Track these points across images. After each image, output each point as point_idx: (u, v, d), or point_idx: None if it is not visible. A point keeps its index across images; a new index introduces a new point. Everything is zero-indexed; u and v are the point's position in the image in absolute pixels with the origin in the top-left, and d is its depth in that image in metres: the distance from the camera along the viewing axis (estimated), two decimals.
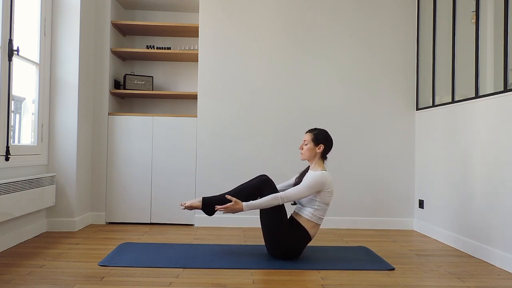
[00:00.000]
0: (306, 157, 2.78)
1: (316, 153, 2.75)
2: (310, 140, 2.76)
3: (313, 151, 2.75)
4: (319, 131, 2.80)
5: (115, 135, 3.87)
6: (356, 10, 3.94)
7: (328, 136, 2.80)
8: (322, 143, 2.75)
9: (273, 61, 3.92)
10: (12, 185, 2.82)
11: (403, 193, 3.90)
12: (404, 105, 3.94)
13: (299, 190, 2.62)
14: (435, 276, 2.45)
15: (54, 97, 3.49)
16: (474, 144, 2.99)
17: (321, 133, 2.78)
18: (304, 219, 2.68)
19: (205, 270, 2.46)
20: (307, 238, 2.70)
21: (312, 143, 2.75)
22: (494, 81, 2.86)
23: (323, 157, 2.79)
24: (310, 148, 2.75)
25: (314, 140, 2.75)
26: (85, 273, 2.36)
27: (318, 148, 2.75)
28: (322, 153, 2.76)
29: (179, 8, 4.25)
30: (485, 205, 2.84)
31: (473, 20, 3.06)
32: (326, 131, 2.82)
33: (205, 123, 3.88)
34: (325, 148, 2.76)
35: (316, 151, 2.75)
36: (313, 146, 2.75)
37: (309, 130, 2.83)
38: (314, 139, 2.75)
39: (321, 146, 2.75)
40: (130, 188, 3.85)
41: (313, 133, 2.78)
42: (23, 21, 3.17)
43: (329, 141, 2.79)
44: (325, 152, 2.79)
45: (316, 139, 2.75)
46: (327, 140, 2.78)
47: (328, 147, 2.79)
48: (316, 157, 2.77)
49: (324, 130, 2.83)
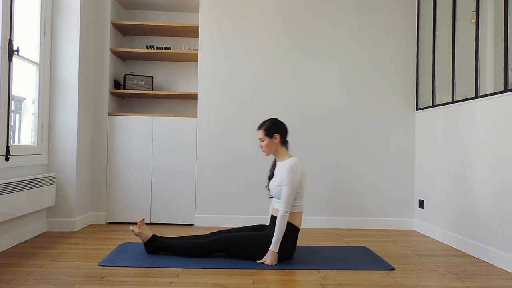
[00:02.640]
0: (269, 152, 2.76)
1: (275, 144, 2.74)
2: (263, 136, 2.74)
3: (272, 144, 2.74)
4: (267, 123, 2.77)
5: (115, 135, 3.87)
6: (356, 10, 3.94)
7: (277, 123, 2.78)
8: (275, 133, 2.73)
9: (273, 61, 3.92)
10: (12, 185, 2.82)
11: (403, 193, 3.90)
12: (404, 105, 3.94)
13: (288, 192, 2.59)
14: (435, 276, 2.45)
15: (54, 97, 3.49)
16: (474, 144, 2.99)
17: (270, 125, 2.75)
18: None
19: (205, 270, 2.46)
20: (294, 230, 2.67)
21: (267, 138, 2.73)
22: (494, 81, 2.86)
23: (284, 145, 2.78)
24: (267, 144, 2.73)
25: (267, 134, 2.73)
26: (85, 273, 2.36)
27: (274, 139, 2.73)
28: (280, 141, 2.75)
29: (179, 8, 4.25)
30: (485, 205, 2.84)
31: (473, 20, 3.06)
32: (273, 119, 2.80)
33: (205, 123, 3.88)
34: (281, 136, 2.75)
35: (274, 142, 2.73)
36: (269, 139, 2.73)
37: (258, 126, 2.80)
38: (267, 133, 2.73)
39: (276, 136, 2.73)
40: (130, 188, 3.85)
41: (263, 128, 2.75)
42: (23, 21, 3.17)
43: (281, 128, 2.77)
44: (283, 139, 2.77)
45: (268, 132, 2.73)
46: (278, 128, 2.75)
47: (283, 133, 2.77)
48: (278, 147, 2.75)
49: (272, 120, 2.80)
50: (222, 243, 2.67)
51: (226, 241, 2.67)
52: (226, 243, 2.67)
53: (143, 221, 2.77)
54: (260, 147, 2.77)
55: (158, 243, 2.74)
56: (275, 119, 2.81)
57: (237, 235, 2.69)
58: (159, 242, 2.74)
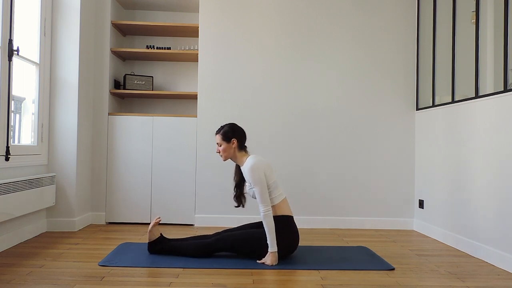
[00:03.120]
0: (226, 157, 2.77)
1: (233, 148, 2.75)
2: (221, 141, 2.75)
3: (230, 149, 2.74)
4: (225, 128, 2.78)
5: (115, 135, 3.87)
6: (356, 10, 3.94)
7: (235, 128, 2.78)
8: (233, 138, 2.74)
9: (273, 61, 3.92)
10: (12, 185, 2.82)
11: (403, 193, 3.90)
12: (404, 105, 3.94)
13: (259, 191, 2.61)
14: (435, 276, 2.45)
15: (54, 97, 3.49)
16: (474, 144, 2.99)
17: (227, 129, 2.76)
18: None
19: (205, 270, 2.46)
20: (287, 218, 2.69)
21: (224, 143, 2.74)
22: (494, 81, 2.86)
23: (242, 149, 2.79)
24: (225, 148, 2.74)
25: (225, 139, 2.74)
26: (85, 273, 2.36)
27: (232, 144, 2.74)
28: (238, 146, 2.75)
29: (179, 8, 4.25)
30: (485, 205, 2.84)
31: (473, 20, 3.06)
32: (231, 124, 2.81)
33: (205, 123, 3.88)
34: (238, 141, 2.75)
35: (232, 147, 2.74)
36: (227, 144, 2.74)
37: (217, 131, 2.80)
38: (224, 138, 2.74)
39: (234, 141, 2.74)
40: (130, 188, 3.85)
41: (220, 133, 2.76)
42: (23, 21, 3.17)
43: (238, 133, 2.77)
44: (241, 144, 2.78)
45: (226, 137, 2.74)
46: (236, 133, 2.76)
47: (241, 138, 2.78)
48: (236, 152, 2.76)
49: (229, 124, 2.81)
50: (226, 242, 2.68)
51: (230, 240, 2.68)
52: (230, 242, 2.67)
53: (159, 220, 2.78)
54: (218, 152, 2.78)
55: (163, 245, 2.75)
56: (233, 124, 2.82)
57: (241, 233, 2.70)
58: (165, 245, 2.75)
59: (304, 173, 3.86)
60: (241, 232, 2.71)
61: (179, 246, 2.74)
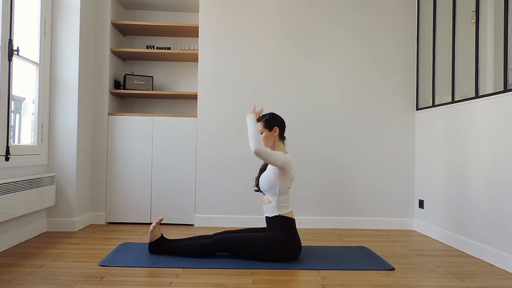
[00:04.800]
0: (267, 145, 2.78)
1: (274, 136, 2.79)
2: (263, 128, 2.79)
3: (271, 137, 2.78)
4: (268, 116, 2.83)
5: (115, 135, 3.87)
6: (356, 10, 3.94)
7: (277, 117, 2.84)
8: (275, 126, 2.79)
9: (273, 61, 3.92)
10: (12, 185, 2.82)
11: (403, 193, 3.90)
12: (404, 105, 3.94)
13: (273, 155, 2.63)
14: (435, 276, 2.45)
15: (54, 97, 3.49)
16: (474, 144, 2.99)
17: (270, 118, 2.82)
18: (273, 210, 2.69)
19: (205, 270, 2.46)
20: (294, 222, 2.71)
21: (266, 130, 2.78)
22: (494, 81, 2.86)
23: (281, 139, 2.84)
24: (267, 136, 2.77)
25: (267, 127, 2.78)
26: (85, 273, 2.36)
27: (273, 132, 2.79)
28: (279, 135, 2.81)
29: (179, 8, 4.25)
30: (485, 204, 2.84)
31: (473, 20, 3.06)
32: (273, 114, 2.87)
33: (205, 123, 3.88)
34: (280, 130, 2.81)
35: (273, 135, 2.79)
36: (268, 132, 2.78)
37: (258, 119, 2.84)
38: (267, 125, 2.79)
39: (276, 129, 2.79)
40: (130, 188, 3.85)
41: (263, 121, 2.81)
42: (23, 21, 3.17)
43: (280, 122, 2.83)
44: (281, 133, 2.83)
45: (268, 125, 2.78)
46: (278, 121, 2.82)
47: (282, 127, 2.84)
48: (276, 141, 2.80)
49: (272, 113, 2.86)
50: (226, 243, 2.68)
51: (230, 241, 2.68)
52: (230, 243, 2.67)
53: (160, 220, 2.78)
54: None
55: (164, 246, 2.75)
56: (275, 114, 2.87)
57: (241, 236, 2.70)
58: (165, 245, 2.75)
59: (303, 173, 3.86)
60: (242, 235, 2.71)
61: (179, 247, 2.74)
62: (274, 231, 2.66)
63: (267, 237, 2.66)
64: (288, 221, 2.68)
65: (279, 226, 2.66)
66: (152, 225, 2.75)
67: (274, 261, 2.63)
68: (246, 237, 2.68)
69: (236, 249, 2.67)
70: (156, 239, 2.76)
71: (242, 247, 2.66)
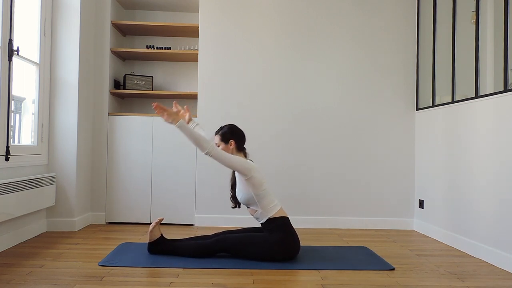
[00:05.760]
0: None
1: (230, 150, 2.76)
2: (219, 141, 2.77)
3: (228, 150, 2.75)
4: (224, 129, 2.80)
5: (115, 135, 3.87)
6: (356, 10, 3.94)
7: (234, 129, 2.80)
8: (231, 139, 2.76)
9: (273, 61, 3.92)
10: (12, 185, 2.82)
11: (403, 193, 3.90)
12: (404, 105, 3.94)
13: (228, 156, 2.60)
14: (435, 276, 2.45)
15: (54, 97, 3.49)
16: (474, 144, 2.99)
17: (226, 130, 2.79)
18: (262, 215, 2.70)
19: (205, 270, 2.46)
20: (287, 220, 2.71)
21: (223, 144, 2.76)
22: (494, 81, 2.86)
23: (240, 151, 2.80)
24: (223, 149, 2.75)
25: (223, 140, 2.77)
26: (85, 273, 2.36)
27: (230, 145, 2.76)
28: (236, 148, 2.77)
29: (179, 8, 4.25)
30: (485, 204, 2.84)
31: (473, 20, 3.06)
32: (230, 125, 2.83)
33: (205, 123, 3.87)
34: (236, 142, 2.77)
35: (230, 148, 2.76)
36: (225, 145, 2.76)
37: (216, 131, 2.82)
38: (223, 139, 2.77)
39: (231, 142, 2.76)
40: (130, 188, 3.85)
41: (219, 134, 2.79)
42: (23, 21, 3.17)
43: (237, 134, 2.79)
44: (239, 145, 2.79)
45: (224, 138, 2.76)
46: (234, 134, 2.78)
47: (239, 139, 2.79)
48: (233, 153, 2.77)
49: (229, 125, 2.83)
50: (225, 243, 2.68)
51: (229, 242, 2.68)
52: (229, 244, 2.68)
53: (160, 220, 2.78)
54: None
55: (163, 246, 2.75)
56: (232, 125, 2.83)
57: (240, 236, 2.70)
58: (165, 246, 2.75)
59: (304, 173, 3.86)
60: (241, 235, 2.72)
61: (179, 247, 2.74)
62: (272, 232, 2.67)
63: (266, 237, 2.66)
64: (282, 220, 2.69)
65: (274, 227, 2.67)
66: (151, 225, 2.75)
67: (274, 260, 2.63)
68: (246, 237, 2.69)
69: (236, 249, 2.67)
70: (156, 239, 2.75)
71: (242, 247, 2.66)
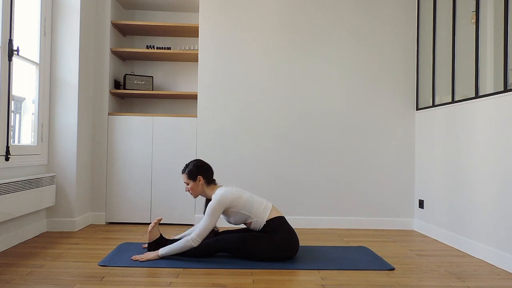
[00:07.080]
0: (196, 195, 2.78)
1: (200, 185, 2.76)
2: (187, 179, 2.76)
3: (197, 187, 2.75)
4: (189, 166, 2.78)
5: (115, 135, 3.87)
6: (357, 10, 3.94)
7: (199, 165, 2.79)
8: (198, 175, 2.75)
9: (273, 61, 3.92)
10: (12, 185, 2.82)
11: (403, 193, 3.90)
12: (404, 105, 3.94)
13: (205, 221, 2.61)
14: (435, 276, 2.45)
15: (54, 97, 3.49)
16: (474, 144, 2.99)
17: (192, 168, 2.76)
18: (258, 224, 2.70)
19: (205, 270, 2.46)
20: (283, 219, 2.72)
21: (191, 181, 2.75)
22: (494, 81, 2.86)
23: (210, 183, 2.79)
24: (192, 187, 2.75)
25: (191, 178, 2.75)
26: (85, 273, 2.36)
27: (198, 181, 2.75)
28: (205, 182, 2.77)
29: (179, 8, 4.25)
30: (485, 204, 2.84)
31: (473, 20, 3.06)
32: (195, 162, 2.81)
33: (205, 123, 3.88)
34: (204, 177, 2.76)
35: (199, 184, 2.75)
36: (193, 183, 2.75)
37: (182, 170, 2.81)
38: (190, 176, 2.75)
39: (199, 178, 2.74)
40: (130, 188, 3.85)
41: (185, 173, 2.77)
42: (23, 21, 3.17)
43: (203, 169, 2.78)
44: (208, 179, 2.78)
45: (191, 176, 2.75)
46: (200, 170, 2.76)
47: (207, 174, 2.78)
48: (204, 188, 2.77)
49: (194, 162, 2.81)
50: (226, 243, 2.68)
51: (230, 241, 2.68)
52: (229, 243, 2.68)
53: (159, 220, 2.79)
54: (187, 190, 2.80)
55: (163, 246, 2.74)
56: (197, 161, 2.82)
57: (240, 236, 2.70)
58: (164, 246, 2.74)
59: (303, 173, 3.86)
60: (241, 235, 2.72)
61: None
62: (271, 233, 2.67)
63: (266, 236, 2.67)
64: (278, 220, 2.69)
65: (272, 229, 2.68)
66: (150, 225, 2.75)
67: (274, 260, 2.64)
68: (246, 237, 2.69)
69: (236, 248, 2.67)
70: (155, 239, 2.76)
71: (242, 246, 2.66)
